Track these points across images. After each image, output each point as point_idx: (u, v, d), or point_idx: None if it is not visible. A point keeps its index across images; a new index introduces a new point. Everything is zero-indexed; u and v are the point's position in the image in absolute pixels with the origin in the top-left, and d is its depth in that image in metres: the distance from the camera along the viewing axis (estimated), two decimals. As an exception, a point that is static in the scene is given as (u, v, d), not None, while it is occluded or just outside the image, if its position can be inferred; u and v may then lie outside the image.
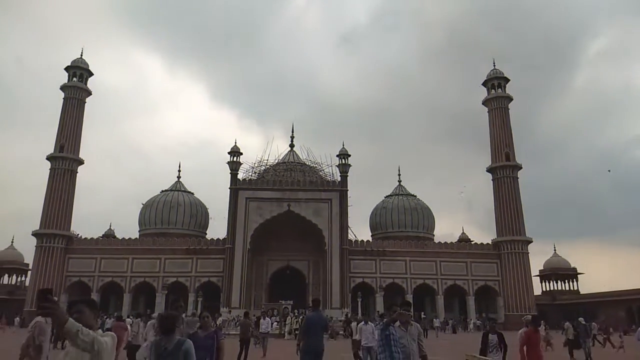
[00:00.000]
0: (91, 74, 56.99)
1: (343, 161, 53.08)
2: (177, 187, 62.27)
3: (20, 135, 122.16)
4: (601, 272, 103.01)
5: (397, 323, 6.98)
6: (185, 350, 4.26)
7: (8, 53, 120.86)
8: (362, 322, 13.64)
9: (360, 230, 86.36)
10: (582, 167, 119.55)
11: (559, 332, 30.06)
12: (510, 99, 58.07)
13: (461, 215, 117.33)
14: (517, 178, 55.52)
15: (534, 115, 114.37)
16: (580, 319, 19.93)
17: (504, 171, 55.00)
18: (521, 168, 55.87)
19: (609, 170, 53.24)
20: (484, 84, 59.32)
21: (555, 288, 63.51)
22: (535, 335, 8.16)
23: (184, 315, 6.98)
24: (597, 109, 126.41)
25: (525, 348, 8.11)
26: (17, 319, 44.24)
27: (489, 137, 57.70)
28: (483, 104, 59.15)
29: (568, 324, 20.71)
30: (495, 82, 58.16)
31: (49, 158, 52.85)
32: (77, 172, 54.11)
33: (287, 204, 50.45)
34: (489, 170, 56.65)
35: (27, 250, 56.31)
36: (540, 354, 8.08)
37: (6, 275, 61.10)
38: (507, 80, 58.56)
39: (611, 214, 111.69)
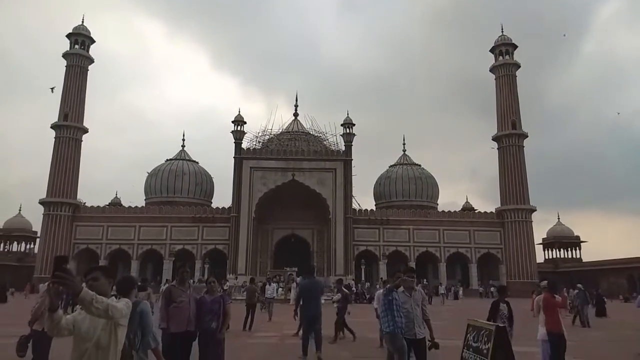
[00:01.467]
0: (93, 41, 56.28)
1: (347, 130, 52.80)
2: (182, 156, 62.41)
3: (25, 103, 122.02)
4: (605, 240, 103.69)
5: (401, 289, 7.10)
6: (141, 311, 4.30)
7: (8, 20, 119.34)
8: (380, 290, 11.58)
9: (364, 199, 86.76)
10: (589, 136, 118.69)
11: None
12: (517, 65, 57.10)
13: (465, 184, 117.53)
14: (523, 147, 55.17)
15: (542, 83, 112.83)
16: (579, 285, 20.06)
17: (510, 140, 54.61)
18: (527, 136, 55.47)
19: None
20: (492, 50, 58.23)
21: (558, 256, 64.02)
22: (552, 301, 7.94)
23: (191, 281, 7.08)
24: (606, 77, 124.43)
25: (542, 312, 7.87)
26: (41, 285, 45.13)
27: (496, 105, 57.08)
28: (490, 71, 58.24)
29: (574, 291, 20.80)
30: (503, 48, 57.07)
31: (53, 127, 52.86)
32: (81, 141, 54.22)
33: (291, 174, 50.54)
34: (495, 138, 56.26)
35: (35, 218, 57.12)
36: (558, 319, 7.84)
37: (15, 243, 62.14)
38: (515, 46, 57.42)
39: (617, 183, 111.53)
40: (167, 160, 61.95)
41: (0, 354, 8.85)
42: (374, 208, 58.75)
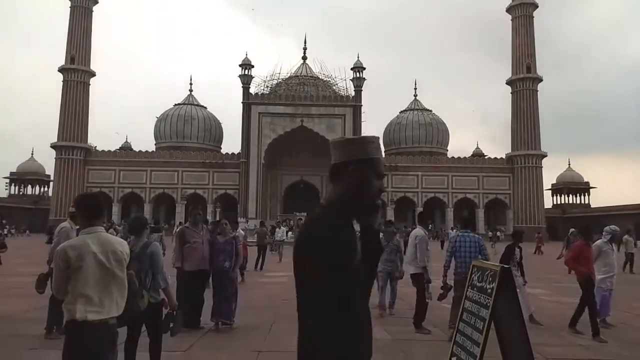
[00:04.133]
0: (96, -20, 54.64)
1: (357, 75, 51.73)
2: (190, 101, 62.05)
3: (31, 46, 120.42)
4: (615, 186, 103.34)
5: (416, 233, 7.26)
6: (151, 253, 4.37)
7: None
8: None
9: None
10: (604, 78, 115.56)
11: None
12: (535, 5, 54.77)
13: (476, 130, 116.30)
14: (537, 91, 54.06)
15: (557, 23, 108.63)
16: (573, 230, 19.04)
17: (524, 84, 53.44)
18: (542, 80, 54.19)
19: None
20: (509, -11, 55.77)
21: (567, 202, 64.19)
22: (587, 250, 6.99)
23: (202, 223, 7.26)
24: (624, 17, 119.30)
25: (574, 262, 7.05)
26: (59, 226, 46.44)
27: (511, 47, 55.33)
28: (507, 11, 56.02)
29: (627, 237, 18.36)
30: (521, -13, 54.59)
31: (60, 70, 52.50)
32: (89, 84, 53.97)
33: (300, 120, 50.19)
34: (509, 82, 55.07)
35: (48, 161, 57.98)
36: (592, 271, 6.89)
37: (29, 186, 63.41)
38: (533, -16, 54.86)
39: (630, 128, 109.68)
40: (176, 104, 61.68)
41: (21, 291, 9.28)
42: (383, 154, 58.62)
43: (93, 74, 54.15)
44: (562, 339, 6.42)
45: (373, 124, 76.54)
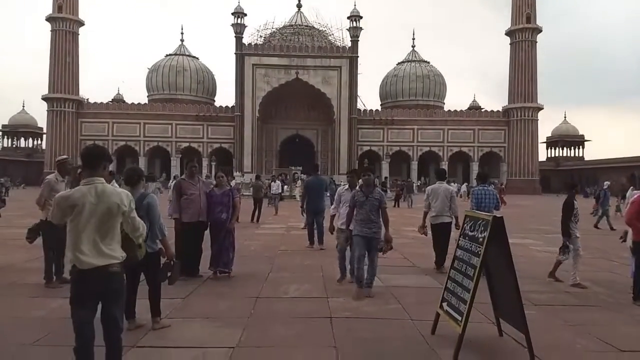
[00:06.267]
0: None
1: (354, 24, 50.45)
2: (182, 51, 60.62)
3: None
4: (610, 139, 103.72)
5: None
6: (147, 204, 4.40)
7: None
8: (343, 186, 7.45)
9: (369, 98, 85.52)
10: (602, 32, 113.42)
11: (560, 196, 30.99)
12: (538, -48, 52.88)
13: (474, 82, 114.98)
14: (536, 42, 53.13)
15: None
16: (607, 182, 17.66)
17: (523, 34, 52.44)
18: (541, 31, 53.15)
19: None
20: None
21: (561, 155, 64.51)
22: None
23: (198, 176, 7.27)
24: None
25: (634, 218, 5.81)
26: (47, 177, 46.46)
27: (511, -4, 53.89)
28: (508, -42, 54.13)
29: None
30: None
31: (48, 19, 50.94)
32: (78, 34, 52.54)
33: (295, 72, 49.29)
34: (508, 33, 53.99)
35: (40, 114, 57.22)
36: None
37: (22, 139, 62.86)
38: None
39: (627, 81, 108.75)
40: (167, 55, 60.30)
41: (20, 242, 9.39)
42: (379, 108, 58.14)
43: (82, 23, 52.58)
44: (551, 287, 6.62)
45: (370, 76, 75.30)
